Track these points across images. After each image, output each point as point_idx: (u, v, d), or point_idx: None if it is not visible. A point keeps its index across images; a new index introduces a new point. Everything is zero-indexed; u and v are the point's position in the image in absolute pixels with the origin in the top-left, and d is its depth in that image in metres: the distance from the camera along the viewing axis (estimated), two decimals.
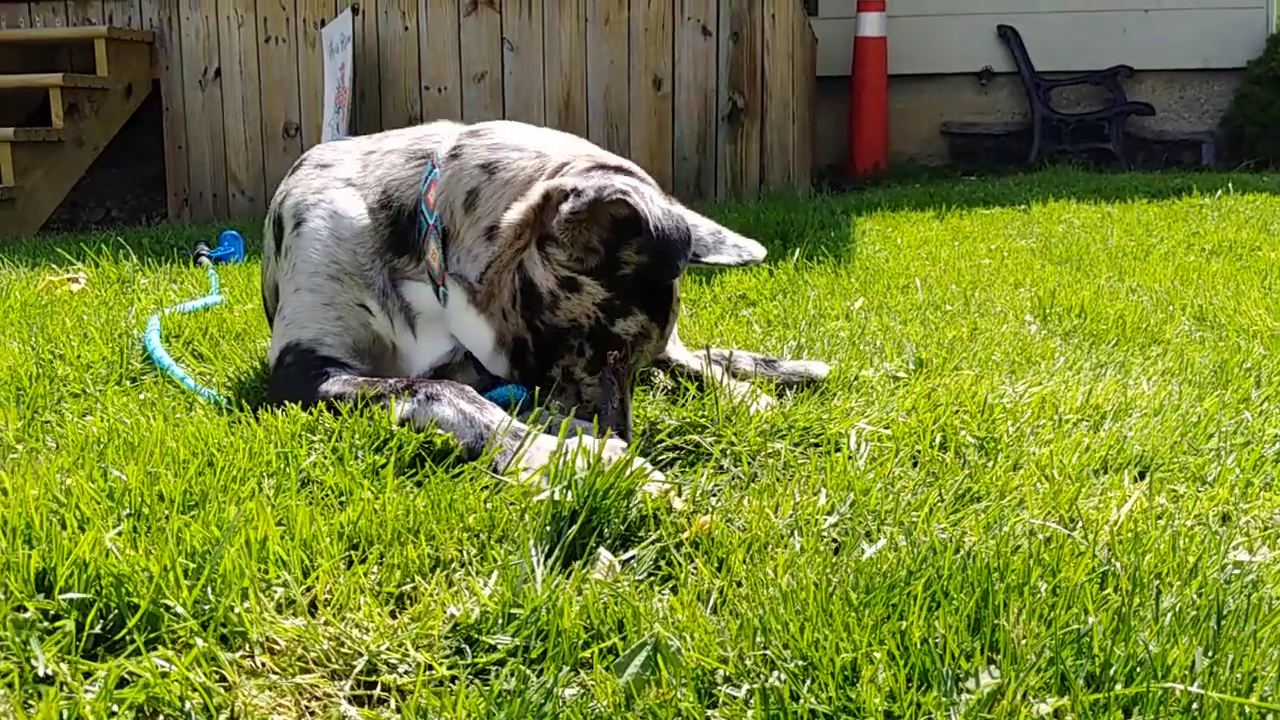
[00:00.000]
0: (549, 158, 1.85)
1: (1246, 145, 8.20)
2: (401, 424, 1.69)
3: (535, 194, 1.77)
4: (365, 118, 6.13)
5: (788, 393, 2.27)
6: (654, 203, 1.69)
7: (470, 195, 1.85)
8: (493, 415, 1.68)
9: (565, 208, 1.72)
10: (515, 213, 1.78)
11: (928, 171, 8.44)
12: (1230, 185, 5.82)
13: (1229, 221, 4.91)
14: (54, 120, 6.14)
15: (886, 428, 1.94)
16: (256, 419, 1.80)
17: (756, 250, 1.89)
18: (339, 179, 2.00)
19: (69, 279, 3.63)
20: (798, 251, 3.94)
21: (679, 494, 1.49)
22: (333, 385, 1.82)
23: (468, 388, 1.76)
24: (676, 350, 2.37)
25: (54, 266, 3.98)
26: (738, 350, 2.50)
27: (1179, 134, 8.74)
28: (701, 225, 1.87)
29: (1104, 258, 3.99)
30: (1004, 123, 8.89)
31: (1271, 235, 4.48)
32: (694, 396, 2.13)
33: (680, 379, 2.26)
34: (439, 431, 1.65)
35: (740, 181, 6.14)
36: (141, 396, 2.10)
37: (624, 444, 1.66)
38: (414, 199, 1.92)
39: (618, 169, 1.82)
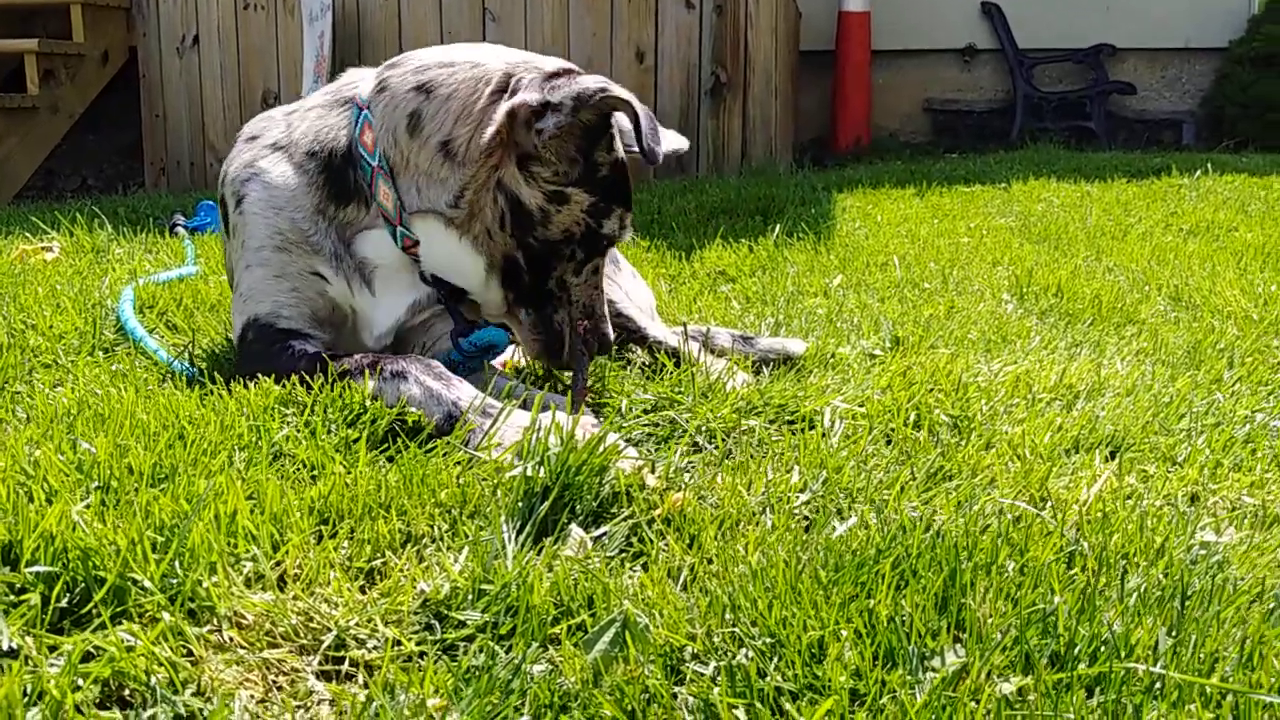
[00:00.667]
0: (485, 67, 1.79)
1: (1227, 125, 8.23)
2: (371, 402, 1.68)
3: (500, 113, 1.72)
4: None
5: (764, 369, 2.27)
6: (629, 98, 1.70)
7: (413, 118, 1.78)
8: (460, 391, 1.67)
9: (550, 122, 1.69)
10: (485, 134, 1.72)
11: (910, 148, 8.43)
12: (1209, 166, 5.84)
13: (1207, 202, 4.93)
14: (29, 86, 6.05)
15: (861, 405, 1.95)
16: (229, 391, 1.79)
17: (679, 141, 2.05)
18: (266, 146, 1.95)
19: (43, 248, 3.59)
20: (778, 228, 3.94)
21: (652, 470, 1.49)
22: (300, 361, 1.80)
23: (434, 363, 1.73)
24: (655, 327, 2.37)
25: (28, 235, 3.94)
26: (715, 327, 2.50)
27: (1160, 113, 8.75)
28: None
29: (1082, 237, 4.00)
30: (986, 100, 8.89)
31: (1249, 216, 4.51)
32: (670, 373, 2.13)
33: (658, 355, 2.26)
34: (410, 410, 1.64)
35: (722, 156, 6.12)
36: (114, 368, 2.09)
37: (596, 421, 1.66)
38: (345, 141, 1.85)
39: (566, 71, 1.79)
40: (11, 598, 1.13)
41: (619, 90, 1.71)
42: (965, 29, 8.74)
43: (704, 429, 1.83)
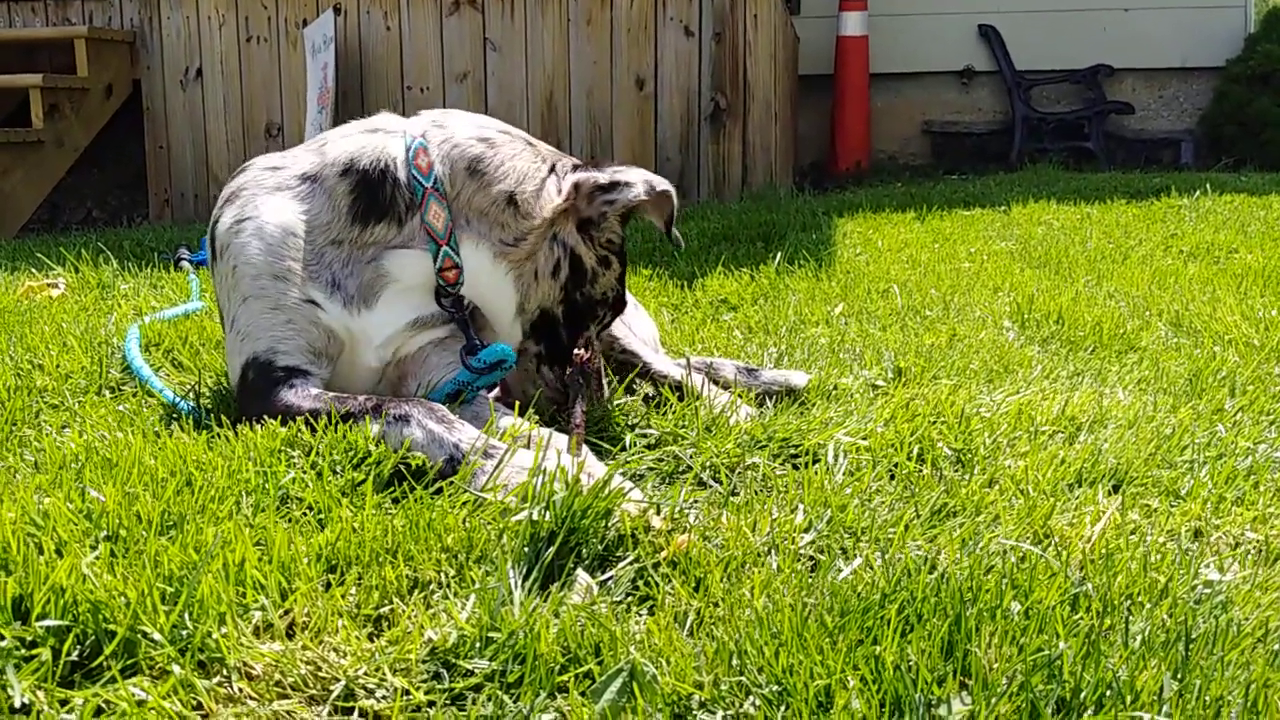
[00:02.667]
0: (537, 147, 2.07)
1: (1225, 144, 8.26)
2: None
3: (568, 183, 1.99)
4: (348, 118, 6.10)
5: (768, 402, 2.28)
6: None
7: (475, 161, 1.96)
8: (462, 434, 1.69)
9: (619, 197, 1.99)
10: (558, 198, 1.98)
11: (909, 170, 8.47)
12: (1208, 186, 5.86)
13: (1206, 223, 4.94)
14: (34, 121, 6.09)
15: (865, 439, 1.96)
16: (235, 433, 1.80)
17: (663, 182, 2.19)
18: (293, 176, 1.98)
19: (48, 284, 3.62)
20: (779, 255, 3.95)
21: (657, 512, 1.50)
22: (303, 401, 1.82)
23: (437, 406, 1.76)
24: (659, 360, 2.38)
25: (33, 271, 3.96)
26: (719, 359, 2.51)
27: (1158, 133, 8.79)
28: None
29: (1083, 261, 4.02)
30: (985, 121, 8.93)
31: (1248, 237, 4.52)
32: (674, 407, 2.14)
33: (662, 389, 2.27)
34: (414, 453, 1.66)
35: (723, 181, 6.15)
36: (120, 408, 2.10)
37: (602, 464, 1.67)
38: (384, 161, 1.92)
39: (588, 163, 2.07)
40: (23, 652, 1.14)
41: (673, 191, 2.05)
42: (963, 51, 8.79)
43: (708, 464, 1.84)
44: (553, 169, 2.04)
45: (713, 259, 4.07)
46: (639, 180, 2.02)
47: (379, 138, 1.98)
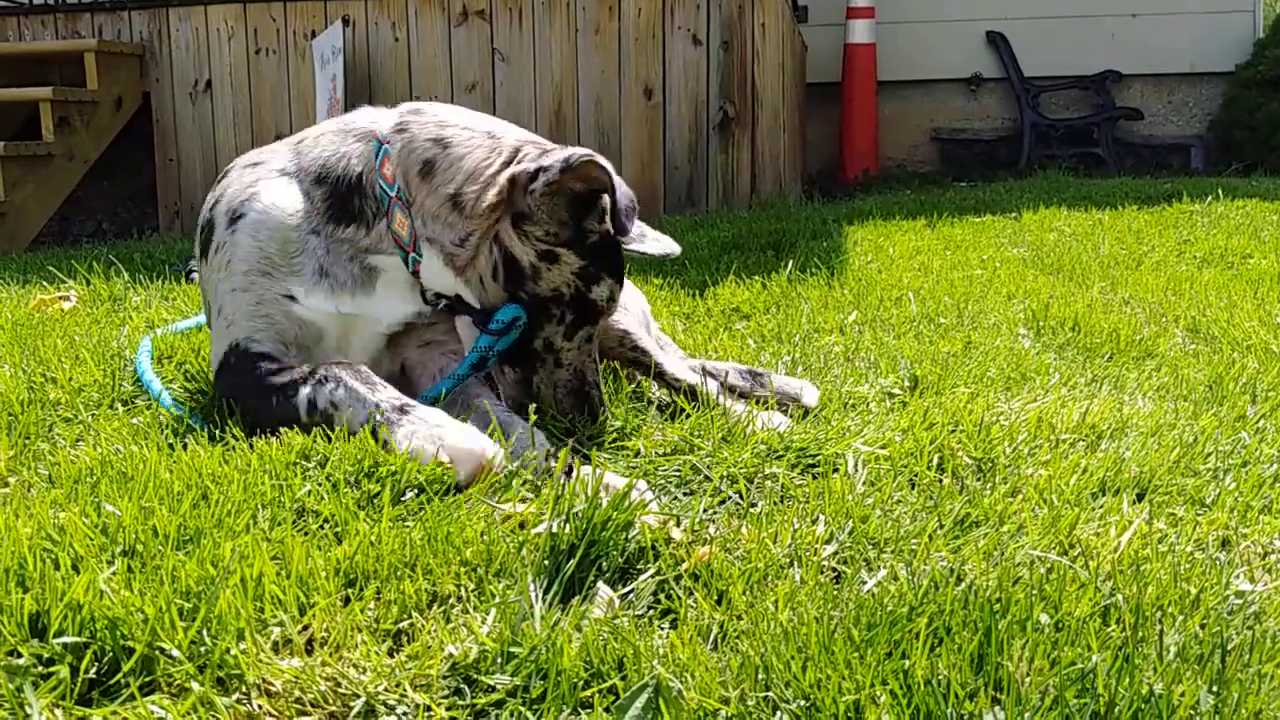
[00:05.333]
0: (501, 139, 1.98)
1: (1235, 149, 8.23)
2: (308, 407, 1.84)
3: (503, 177, 1.91)
4: None
5: (780, 411, 2.26)
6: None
7: (426, 165, 1.95)
8: (382, 395, 1.80)
9: (540, 180, 1.87)
10: (489, 194, 1.91)
11: (918, 178, 8.45)
12: (1220, 191, 5.83)
13: (1219, 228, 4.92)
14: (44, 134, 6.10)
15: (883, 448, 1.94)
16: (250, 445, 1.79)
17: (672, 246, 2.18)
18: (273, 170, 2.06)
19: (60, 297, 3.61)
20: (791, 264, 3.94)
21: (677, 524, 1.49)
22: (267, 378, 1.91)
23: (363, 369, 1.87)
24: (669, 360, 2.36)
25: (45, 284, 3.96)
26: (724, 363, 2.50)
27: (1167, 138, 8.77)
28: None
29: (1096, 267, 4.00)
30: (994, 128, 8.91)
31: (1262, 243, 4.50)
32: (688, 415, 2.12)
33: (676, 398, 2.25)
34: (335, 411, 1.80)
35: (732, 190, 6.14)
36: (134, 421, 2.09)
37: (622, 479, 1.66)
38: (359, 168, 1.99)
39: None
40: (40, 669, 1.12)
41: (602, 160, 1.88)
42: (971, 58, 8.79)
43: (726, 475, 1.83)
44: (509, 162, 1.95)
45: (723, 268, 4.06)
46: (558, 158, 1.89)
47: (349, 143, 2.03)
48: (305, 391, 1.85)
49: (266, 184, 2.04)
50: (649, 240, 2.16)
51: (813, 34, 8.39)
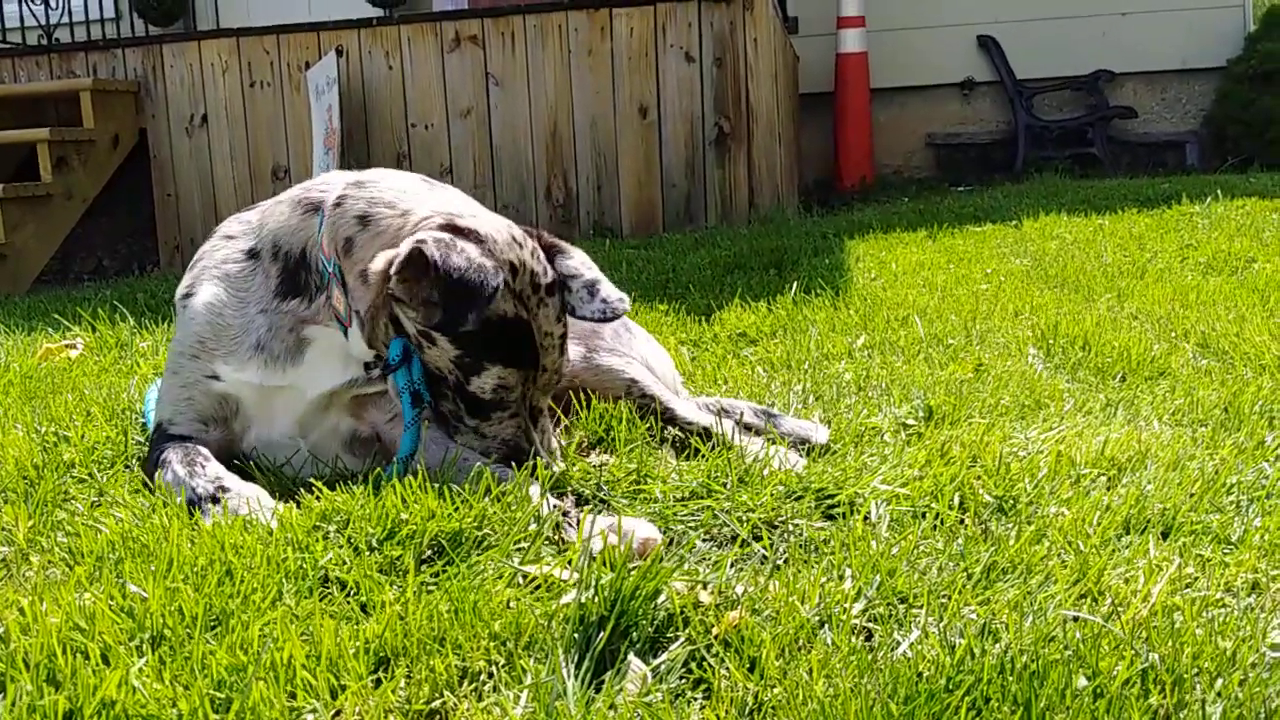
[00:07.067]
0: (411, 215, 1.95)
1: (1230, 144, 8.24)
2: (166, 485, 1.95)
3: (379, 264, 1.90)
4: (354, 157, 6.12)
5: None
6: (461, 254, 1.80)
7: (348, 243, 1.98)
8: (199, 479, 1.92)
9: (392, 270, 1.86)
10: (372, 273, 1.90)
11: (914, 184, 8.45)
12: (1219, 191, 5.83)
13: (1220, 230, 4.92)
14: (43, 174, 6.11)
15: (903, 486, 1.93)
16: (270, 515, 1.78)
17: (623, 306, 2.02)
18: (238, 251, 2.14)
19: (66, 345, 3.61)
20: (795, 285, 3.93)
21: (704, 587, 1.48)
22: (170, 454, 2.03)
23: (197, 451, 2.00)
24: (682, 405, 2.36)
25: (50, 331, 3.96)
26: (739, 401, 2.50)
27: (1162, 135, 8.77)
28: (581, 276, 2.02)
29: (1100, 278, 3.99)
30: (988, 131, 8.92)
31: (1264, 245, 4.50)
32: (704, 458, 2.12)
33: (690, 439, 2.25)
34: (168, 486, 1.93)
35: (730, 205, 6.15)
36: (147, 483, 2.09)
37: (656, 536, 1.66)
38: (300, 245, 2.06)
39: (467, 231, 1.89)
40: None
41: (439, 247, 1.81)
42: (963, 62, 8.80)
43: (744, 519, 1.82)
44: (412, 231, 1.92)
45: (727, 290, 4.06)
46: (404, 249, 1.84)
47: (298, 216, 2.09)
48: (158, 473, 1.99)
49: (221, 267, 2.13)
50: (595, 303, 2.00)
51: (804, 44, 8.40)
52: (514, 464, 1.92)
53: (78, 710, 1.18)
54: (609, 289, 2.02)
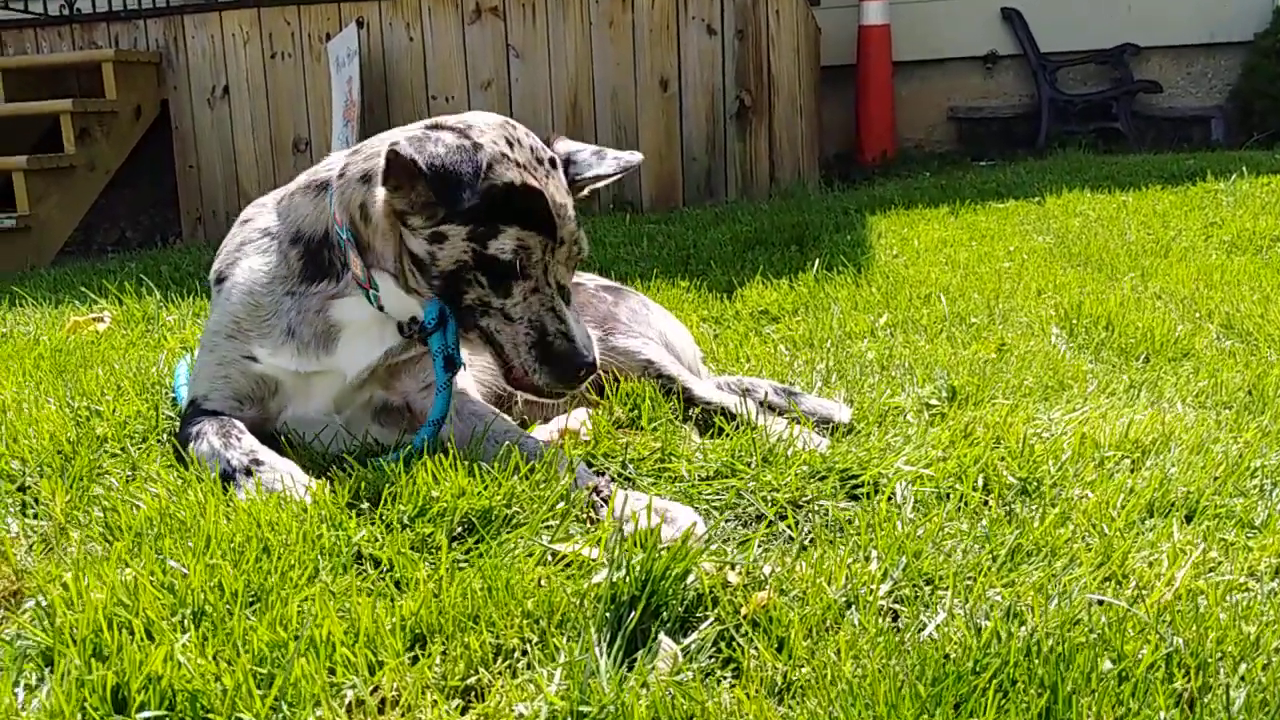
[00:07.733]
0: None
1: (1256, 119, 8.15)
2: (199, 459, 1.98)
3: (381, 193, 1.96)
4: (374, 129, 6.11)
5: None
6: (437, 144, 1.86)
7: (363, 208, 2.01)
8: (234, 452, 1.94)
9: (379, 184, 1.93)
10: (376, 210, 1.97)
11: (937, 158, 8.40)
12: (1244, 168, 5.78)
13: (1245, 208, 4.89)
14: (66, 146, 6.14)
15: (926, 466, 1.95)
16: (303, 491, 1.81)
17: (633, 157, 2.10)
18: (256, 230, 2.18)
19: (94, 318, 3.65)
20: (816, 262, 3.93)
21: (732, 568, 1.50)
22: (204, 428, 2.06)
23: (232, 424, 2.02)
24: (702, 385, 2.38)
25: (77, 304, 4.00)
26: (760, 380, 2.51)
27: (1187, 110, 8.68)
28: (583, 149, 2.11)
29: (1124, 256, 3.98)
30: (1011, 105, 8.85)
31: None
32: (728, 436, 2.14)
33: (713, 419, 2.26)
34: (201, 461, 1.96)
35: (750, 179, 6.13)
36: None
37: (693, 518, 1.68)
38: (322, 227, 2.09)
39: (447, 126, 1.95)
40: None
41: (414, 143, 1.86)
42: (986, 35, 8.71)
43: (769, 499, 1.84)
44: None
45: (749, 266, 4.06)
46: (379, 161, 1.92)
47: (311, 197, 2.13)
48: (192, 445, 2.02)
49: (249, 246, 2.17)
50: (606, 161, 2.08)
51: (826, 17, 8.33)
52: (547, 349, 1.93)
53: (124, 684, 1.21)
54: (614, 150, 2.11)
